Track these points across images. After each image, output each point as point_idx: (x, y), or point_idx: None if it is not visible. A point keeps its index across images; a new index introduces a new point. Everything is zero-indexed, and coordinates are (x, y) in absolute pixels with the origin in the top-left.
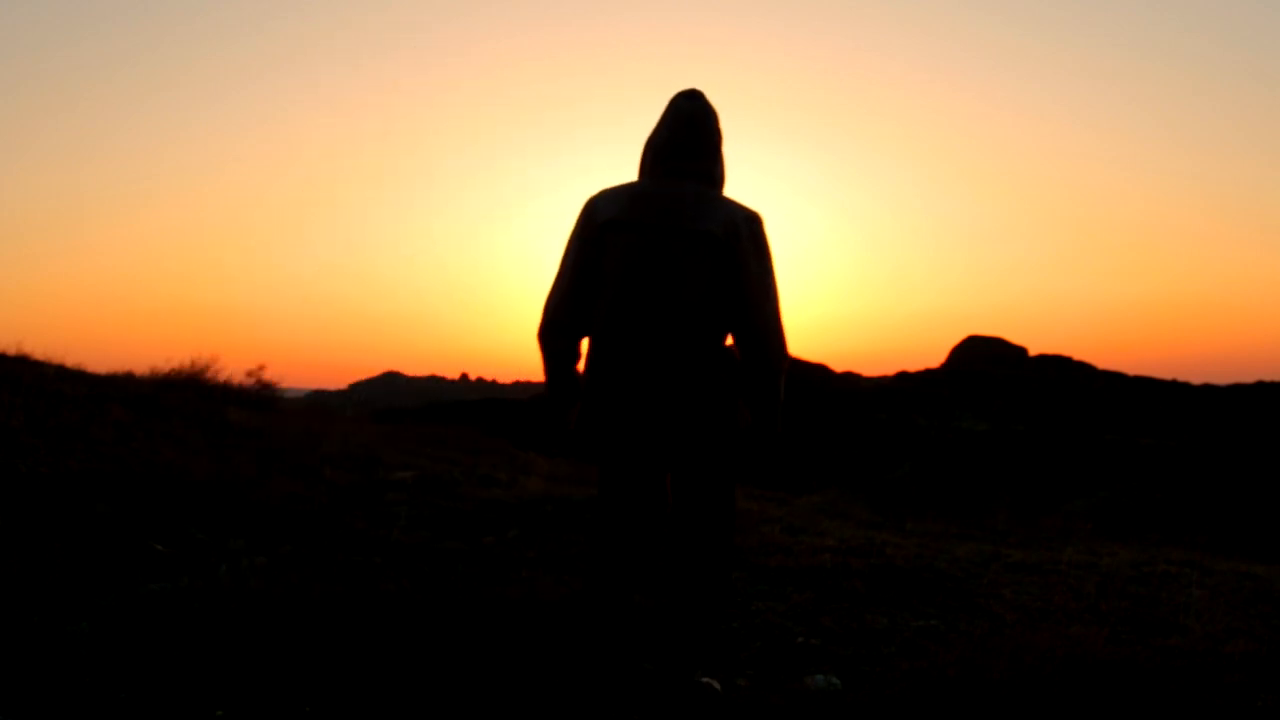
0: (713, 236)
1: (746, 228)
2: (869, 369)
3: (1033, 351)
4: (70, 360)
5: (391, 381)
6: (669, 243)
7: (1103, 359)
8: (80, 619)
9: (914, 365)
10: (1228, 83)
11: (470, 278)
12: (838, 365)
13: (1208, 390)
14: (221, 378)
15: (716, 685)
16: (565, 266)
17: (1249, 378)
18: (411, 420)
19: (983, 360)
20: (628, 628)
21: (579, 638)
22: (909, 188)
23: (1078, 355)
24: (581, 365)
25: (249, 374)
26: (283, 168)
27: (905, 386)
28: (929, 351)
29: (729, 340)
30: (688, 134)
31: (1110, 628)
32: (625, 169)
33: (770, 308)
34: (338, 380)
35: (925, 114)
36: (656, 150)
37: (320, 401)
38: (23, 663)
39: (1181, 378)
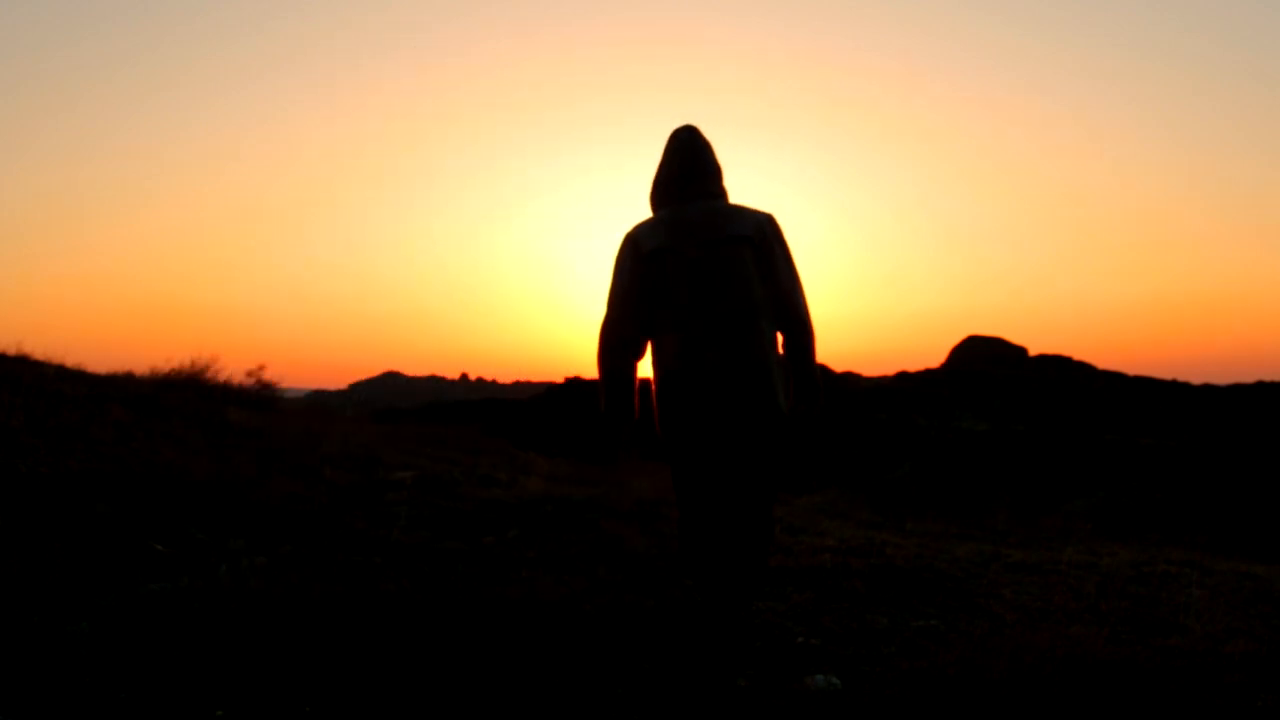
0: (750, 240)
1: (770, 228)
2: (869, 369)
3: (1033, 351)
4: (70, 360)
5: (391, 381)
6: (717, 253)
7: (1103, 359)
8: (80, 619)
9: (914, 365)
10: (1228, 83)
11: (470, 278)
12: (838, 365)
13: (1208, 390)
14: (221, 378)
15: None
16: (621, 294)
17: (1249, 378)
18: (411, 420)
19: (983, 360)
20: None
21: (693, 645)
22: (909, 187)
23: (1078, 355)
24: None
25: (249, 374)
26: (283, 168)
27: (905, 386)
28: (929, 351)
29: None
30: (694, 162)
31: (1110, 628)
32: (625, 168)
33: (800, 295)
34: (338, 380)
35: (926, 113)
36: (670, 181)
37: (320, 401)
38: (23, 663)
39: (1181, 378)
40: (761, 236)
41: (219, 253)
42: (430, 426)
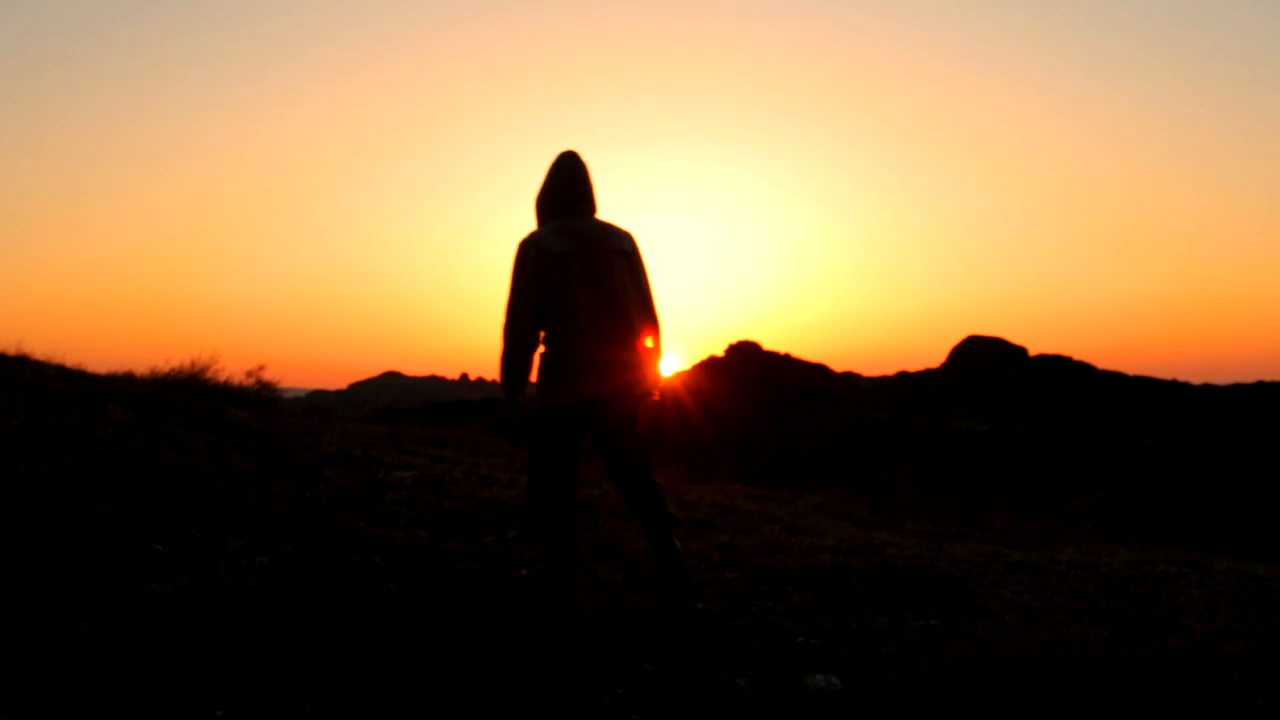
0: (628, 253)
1: (634, 243)
2: (869, 369)
3: (1033, 351)
4: (70, 360)
5: (391, 381)
6: (605, 262)
7: (1103, 359)
8: (80, 619)
9: (914, 365)
10: (1228, 82)
11: (470, 278)
12: (838, 365)
13: (1208, 390)
14: (221, 378)
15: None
16: (524, 292)
17: (1249, 378)
18: (411, 420)
19: (983, 360)
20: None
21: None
22: (909, 185)
23: (1078, 355)
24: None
25: (249, 374)
26: (283, 168)
27: (905, 386)
28: (929, 351)
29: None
30: (581, 184)
31: (1110, 627)
32: (625, 168)
33: (654, 297)
34: (338, 380)
35: (925, 111)
36: (558, 200)
37: (320, 401)
38: (23, 663)
39: (1181, 378)
40: (632, 249)
41: (219, 252)
42: (430, 426)
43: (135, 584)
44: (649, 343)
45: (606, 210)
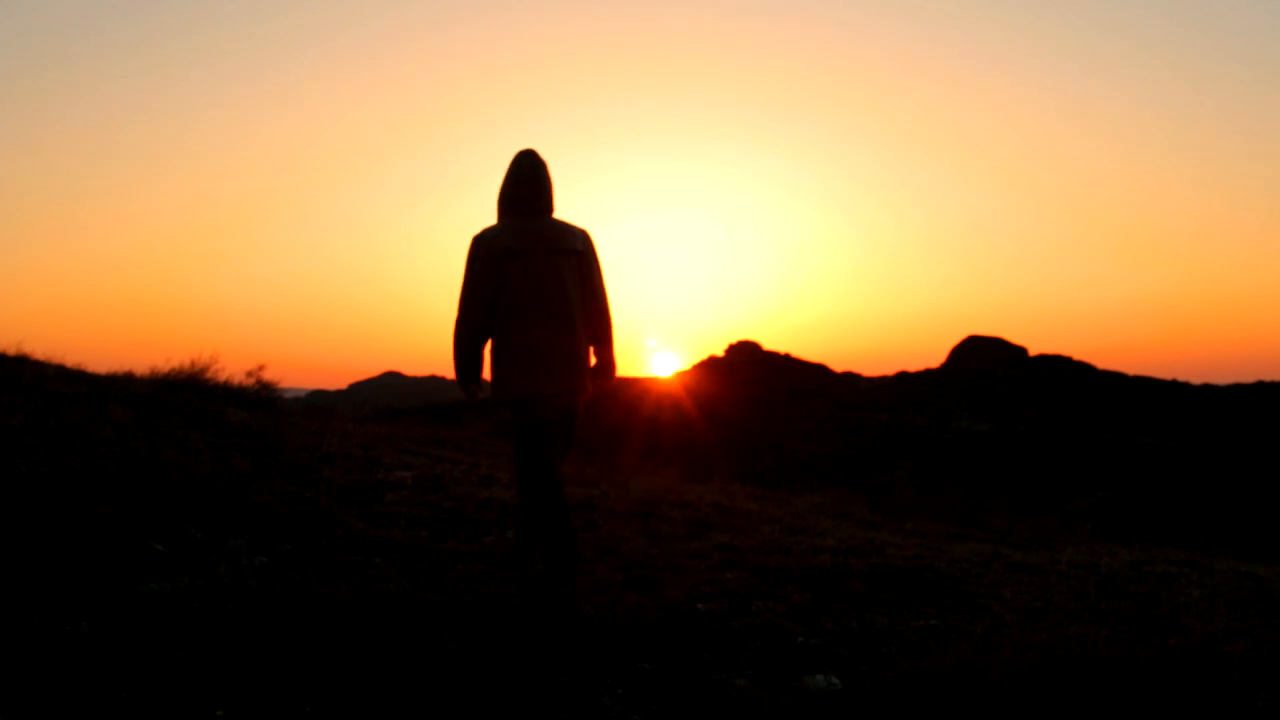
0: (577, 251)
1: (589, 242)
2: (869, 369)
3: (1033, 351)
4: (70, 360)
5: (391, 381)
6: (554, 260)
7: (1103, 359)
8: (80, 619)
9: (914, 365)
10: (1228, 82)
11: None
12: (838, 365)
13: (1208, 390)
14: (221, 378)
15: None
16: (475, 288)
17: (1249, 378)
18: (411, 420)
19: (983, 360)
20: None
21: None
22: (908, 185)
23: (1078, 355)
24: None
25: (249, 374)
26: (283, 168)
27: (905, 386)
28: (929, 351)
29: None
30: (539, 183)
31: (1110, 627)
32: (625, 168)
33: (606, 293)
34: (338, 380)
35: (925, 110)
36: (515, 197)
37: (320, 401)
38: (23, 663)
39: (1181, 378)
40: (584, 248)
41: (219, 252)
42: (430, 426)
43: (135, 584)
44: (594, 342)
45: (607, 211)
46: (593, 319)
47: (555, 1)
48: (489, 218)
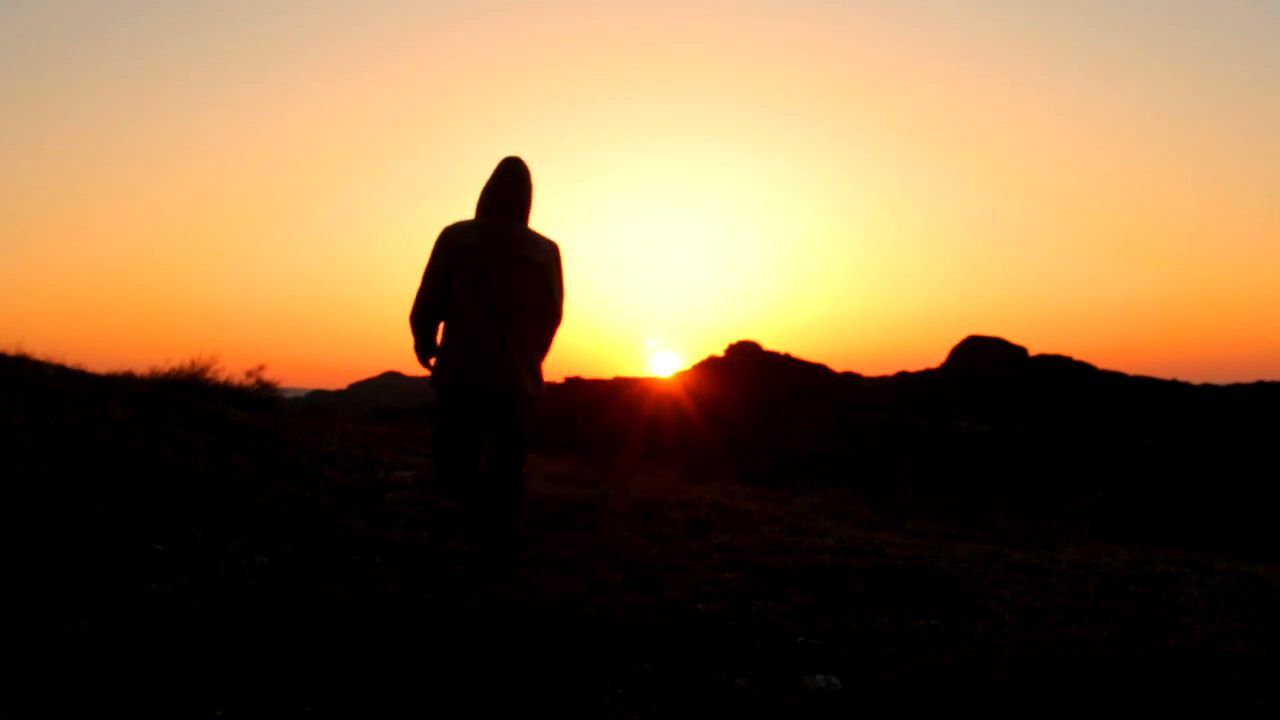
0: (536, 263)
1: (554, 254)
2: (869, 369)
3: (1033, 351)
4: (70, 360)
5: (391, 381)
6: (511, 265)
7: (1103, 359)
8: (80, 619)
9: (914, 365)
10: (1228, 82)
11: None
12: (838, 365)
13: (1208, 390)
14: (221, 378)
15: (524, 528)
16: (433, 277)
17: (1249, 378)
18: (411, 420)
19: (983, 360)
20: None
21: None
22: (908, 185)
23: (1078, 355)
24: (439, 338)
25: (249, 374)
26: (283, 168)
27: (905, 386)
28: (929, 351)
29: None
30: (516, 190)
31: (1110, 627)
32: (625, 168)
33: (561, 299)
34: (338, 380)
35: (925, 109)
36: (492, 199)
37: (320, 401)
38: (23, 663)
39: (1181, 378)
40: (546, 261)
41: (219, 252)
42: (430, 426)
43: (135, 584)
44: (537, 337)
45: (607, 211)
46: (540, 322)
47: (555, 1)
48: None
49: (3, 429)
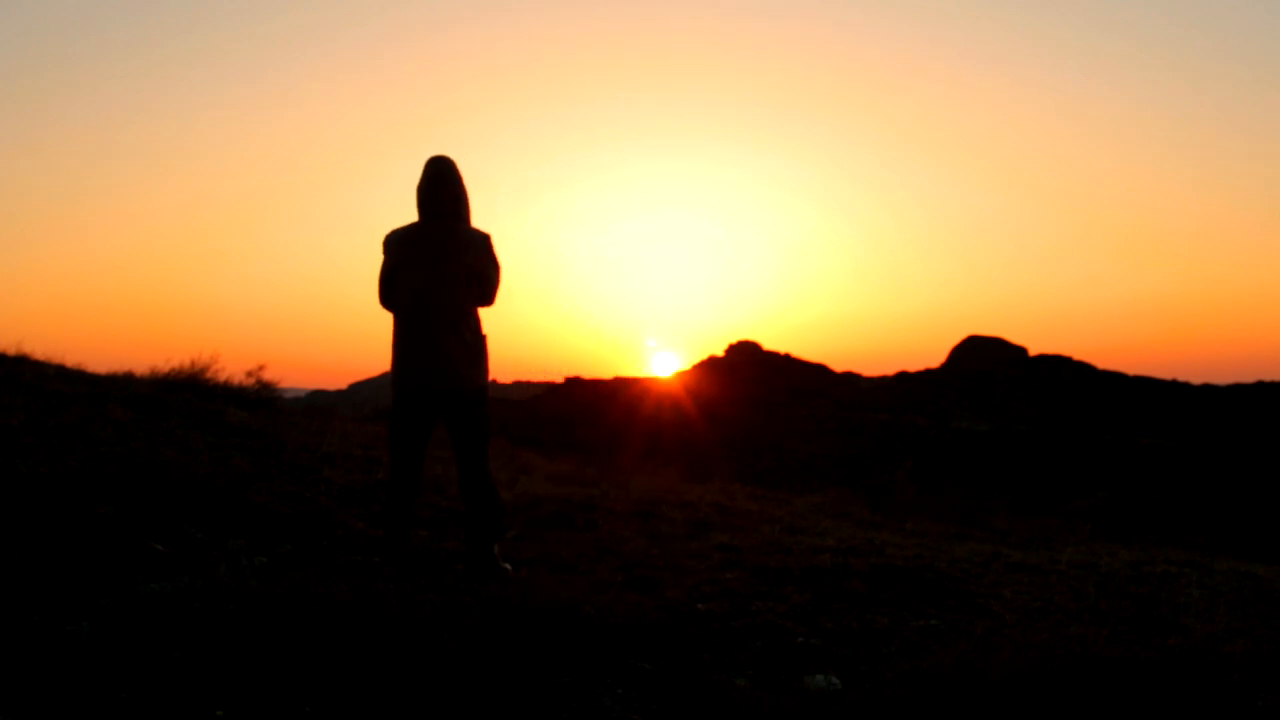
0: (470, 266)
1: (486, 246)
2: (869, 369)
3: (1033, 351)
4: (70, 360)
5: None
6: (439, 267)
7: (1103, 359)
8: (80, 619)
9: (914, 365)
10: (1228, 82)
11: None
12: (838, 365)
13: (1208, 390)
14: (221, 378)
15: (509, 567)
16: (381, 279)
17: (1249, 378)
18: None
19: (983, 360)
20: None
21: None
22: (908, 185)
23: (1078, 355)
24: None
25: (249, 374)
26: (283, 168)
27: (905, 386)
28: (929, 351)
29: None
30: (441, 190)
31: (1110, 627)
32: (625, 168)
33: (494, 287)
34: (338, 380)
35: (925, 108)
36: (421, 201)
37: (320, 401)
38: (23, 663)
39: (1181, 378)
40: (477, 256)
41: (219, 252)
42: None
43: (135, 584)
44: (471, 335)
45: (607, 211)
46: (473, 306)
47: (555, 1)
48: (489, 217)
49: (3, 429)
